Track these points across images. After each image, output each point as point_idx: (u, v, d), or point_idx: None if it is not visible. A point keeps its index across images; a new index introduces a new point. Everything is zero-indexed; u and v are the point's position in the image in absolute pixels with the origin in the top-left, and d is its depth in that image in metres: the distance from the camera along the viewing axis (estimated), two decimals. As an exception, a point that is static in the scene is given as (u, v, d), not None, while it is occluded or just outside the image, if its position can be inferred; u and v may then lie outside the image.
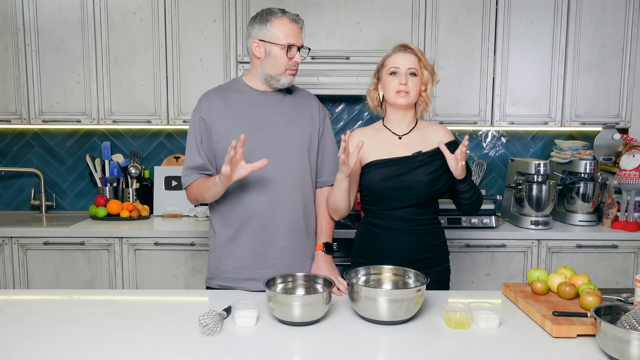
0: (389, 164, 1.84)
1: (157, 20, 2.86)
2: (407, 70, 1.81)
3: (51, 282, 2.74)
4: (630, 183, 2.77)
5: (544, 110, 2.94)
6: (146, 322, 1.48)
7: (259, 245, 1.85)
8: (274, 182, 1.82)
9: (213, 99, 1.86)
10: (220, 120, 1.82)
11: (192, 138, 1.85)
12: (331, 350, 1.29)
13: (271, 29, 1.79)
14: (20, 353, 1.27)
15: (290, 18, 1.80)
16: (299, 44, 1.82)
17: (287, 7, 2.80)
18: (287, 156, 1.84)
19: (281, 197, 1.83)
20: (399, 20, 2.85)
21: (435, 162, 1.83)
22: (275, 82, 1.84)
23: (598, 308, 1.31)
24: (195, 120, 1.85)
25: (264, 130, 1.83)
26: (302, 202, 1.88)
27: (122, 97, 2.91)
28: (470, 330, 1.42)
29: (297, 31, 1.82)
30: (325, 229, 1.96)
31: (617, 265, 2.75)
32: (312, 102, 1.97)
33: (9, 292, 1.75)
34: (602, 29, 2.89)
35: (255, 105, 1.86)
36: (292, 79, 1.86)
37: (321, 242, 1.94)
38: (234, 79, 1.95)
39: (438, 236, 1.90)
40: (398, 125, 1.89)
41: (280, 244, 1.85)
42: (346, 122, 3.25)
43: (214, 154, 1.84)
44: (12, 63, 2.87)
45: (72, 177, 3.26)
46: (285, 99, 1.91)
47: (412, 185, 1.80)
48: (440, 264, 1.89)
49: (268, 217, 1.83)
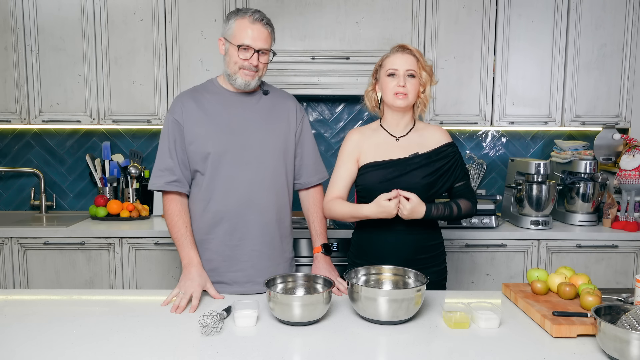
0: (386, 165, 1.83)
1: (157, 20, 2.86)
2: (406, 71, 1.79)
3: (51, 282, 2.74)
4: (630, 183, 2.77)
5: (544, 110, 2.94)
6: (146, 322, 1.48)
7: (228, 249, 1.83)
8: (245, 184, 1.81)
9: (186, 100, 1.84)
10: (193, 122, 1.80)
11: (164, 140, 1.83)
12: (331, 350, 1.29)
13: (232, 28, 1.76)
14: (20, 353, 1.27)
15: (253, 18, 1.73)
16: (257, 46, 1.74)
17: (287, 7, 2.82)
18: (260, 158, 1.82)
19: (252, 200, 1.81)
20: (399, 20, 2.85)
21: (433, 164, 1.82)
22: (233, 81, 1.80)
23: (598, 308, 1.31)
24: (168, 122, 1.83)
25: (236, 132, 1.81)
26: (275, 204, 1.86)
27: (122, 97, 2.91)
28: (470, 330, 1.42)
29: (258, 33, 1.74)
30: (319, 230, 1.95)
31: (617, 265, 2.75)
32: (289, 102, 1.94)
33: (9, 292, 1.75)
34: (602, 29, 2.89)
35: (229, 106, 1.83)
36: (249, 80, 1.78)
37: (319, 244, 1.93)
38: (210, 80, 1.92)
39: (435, 237, 1.89)
40: (396, 126, 1.88)
41: (251, 247, 1.83)
42: (346, 122, 3.25)
43: (187, 156, 1.82)
44: (12, 63, 2.87)
45: (72, 177, 3.26)
46: (261, 100, 1.88)
47: (409, 187, 1.78)
48: (436, 264, 1.89)
49: (238, 220, 1.81)
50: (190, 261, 1.74)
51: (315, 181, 1.98)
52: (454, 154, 1.87)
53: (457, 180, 1.87)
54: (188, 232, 1.79)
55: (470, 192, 1.89)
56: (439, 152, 1.84)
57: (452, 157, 1.86)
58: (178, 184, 1.81)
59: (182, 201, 1.83)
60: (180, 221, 1.80)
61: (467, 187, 1.89)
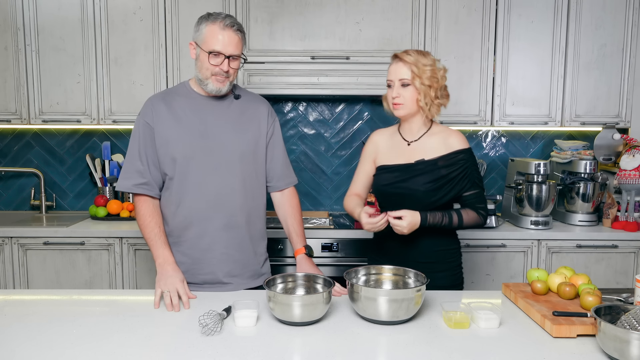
0: (392, 169, 1.85)
1: (157, 20, 2.86)
2: (399, 81, 1.79)
3: (51, 282, 2.74)
4: (630, 183, 2.77)
5: (544, 110, 2.94)
6: (146, 322, 1.48)
7: (198, 252, 1.84)
8: (214, 188, 1.81)
9: (157, 103, 1.83)
10: (164, 125, 1.80)
11: (134, 141, 1.82)
12: (331, 350, 1.29)
13: (203, 33, 1.75)
14: (20, 353, 1.27)
15: (224, 24, 1.72)
16: (227, 52, 1.73)
17: (287, 7, 2.82)
18: (228, 163, 1.82)
19: (221, 204, 1.81)
20: (399, 20, 2.85)
21: (437, 171, 1.80)
22: (204, 86, 1.80)
23: (598, 308, 1.31)
24: (139, 124, 1.82)
25: (206, 136, 1.81)
26: (245, 208, 1.85)
27: (122, 97, 2.91)
28: (470, 330, 1.42)
29: (229, 39, 1.73)
30: (299, 231, 1.95)
31: (617, 265, 2.75)
32: (261, 107, 1.94)
33: (9, 292, 1.75)
34: (602, 29, 2.89)
35: (200, 110, 1.83)
36: (221, 86, 1.78)
37: (300, 246, 1.92)
38: (182, 83, 1.92)
39: (443, 244, 1.86)
40: (408, 131, 1.89)
41: (220, 251, 1.83)
42: (346, 122, 3.25)
43: (158, 159, 1.82)
44: (12, 63, 2.87)
45: (72, 177, 3.26)
46: (232, 104, 1.88)
47: (409, 193, 1.79)
48: (445, 269, 1.86)
49: (207, 223, 1.82)
50: (166, 259, 1.75)
51: (283, 185, 1.98)
52: (464, 162, 1.81)
53: (465, 190, 1.81)
54: (161, 232, 1.80)
55: (479, 203, 1.82)
56: (447, 159, 1.81)
57: (460, 165, 1.80)
58: (147, 187, 1.81)
59: (153, 202, 1.83)
60: (153, 221, 1.80)
61: (477, 197, 1.82)
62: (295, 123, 3.26)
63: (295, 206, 1.98)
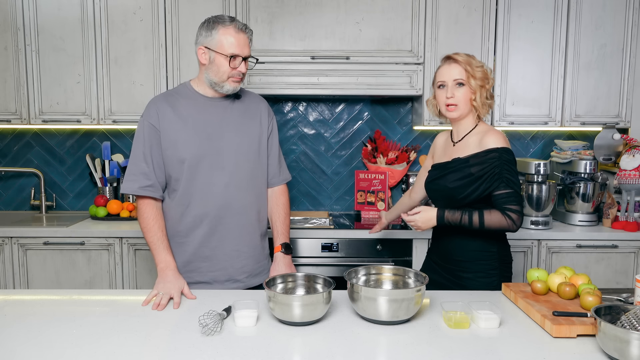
0: (435, 167, 1.95)
1: (157, 20, 2.86)
2: (454, 81, 1.82)
3: (51, 282, 2.74)
4: (630, 183, 2.77)
5: (544, 110, 2.94)
6: (146, 322, 1.48)
7: (208, 250, 1.86)
8: (224, 188, 1.83)
9: (162, 105, 1.84)
10: (170, 127, 1.81)
11: (139, 144, 1.82)
12: (331, 350, 1.29)
13: (216, 37, 1.77)
14: (20, 353, 1.27)
15: (237, 27, 1.78)
16: (244, 55, 1.80)
17: (287, 7, 2.82)
18: (236, 162, 1.85)
19: (231, 203, 1.84)
20: (399, 20, 2.85)
21: (466, 169, 1.80)
22: (220, 88, 1.84)
23: (598, 308, 1.31)
24: (144, 126, 1.82)
25: (212, 137, 1.83)
26: (255, 205, 1.90)
27: (122, 97, 2.91)
28: (470, 330, 1.42)
29: (244, 41, 1.79)
30: (281, 229, 1.98)
31: (617, 265, 2.75)
32: (261, 105, 1.98)
33: (9, 292, 1.75)
34: (602, 29, 2.89)
35: (204, 111, 1.85)
36: (237, 85, 1.84)
37: (279, 244, 1.95)
38: (182, 84, 1.94)
39: (476, 245, 1.84)
40: (456, 132, 1.93)
41: (230, 248, 1.86)
42: (346, 122, 3.25)
43: (164, 160, 1.83)
44: (12, 63, 2.87)
45: (72, 177, 3.26)
46: (234, 104, 1.91)
47: (441, 189, 1.87)
48: (476, 271, 1.84)
49: (217, 222, 1.84)
50: (167, 265, 1.76)
51: (277, 182, 2.02)
52: (494, 160, 1.76)
53: (495, 189, 1.76)
54: (164, 236, 1.81)
55: (509, 204, 1.74)
56: (478, 157, 1.80)
57: (490, 163, 1.76)
58: (152, 189, 1.82)
59: (157, 205, 1.84)
60: (156, 225, 1.81)
61: (507, 198, 1.75)
62: (295, 123, 3.26)
63: (282, 204, 2.01)
